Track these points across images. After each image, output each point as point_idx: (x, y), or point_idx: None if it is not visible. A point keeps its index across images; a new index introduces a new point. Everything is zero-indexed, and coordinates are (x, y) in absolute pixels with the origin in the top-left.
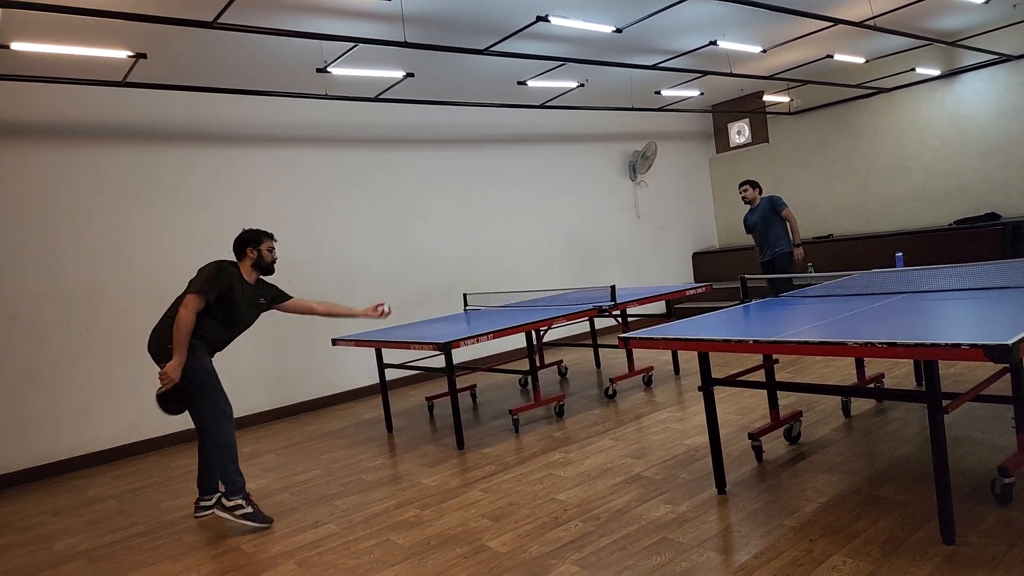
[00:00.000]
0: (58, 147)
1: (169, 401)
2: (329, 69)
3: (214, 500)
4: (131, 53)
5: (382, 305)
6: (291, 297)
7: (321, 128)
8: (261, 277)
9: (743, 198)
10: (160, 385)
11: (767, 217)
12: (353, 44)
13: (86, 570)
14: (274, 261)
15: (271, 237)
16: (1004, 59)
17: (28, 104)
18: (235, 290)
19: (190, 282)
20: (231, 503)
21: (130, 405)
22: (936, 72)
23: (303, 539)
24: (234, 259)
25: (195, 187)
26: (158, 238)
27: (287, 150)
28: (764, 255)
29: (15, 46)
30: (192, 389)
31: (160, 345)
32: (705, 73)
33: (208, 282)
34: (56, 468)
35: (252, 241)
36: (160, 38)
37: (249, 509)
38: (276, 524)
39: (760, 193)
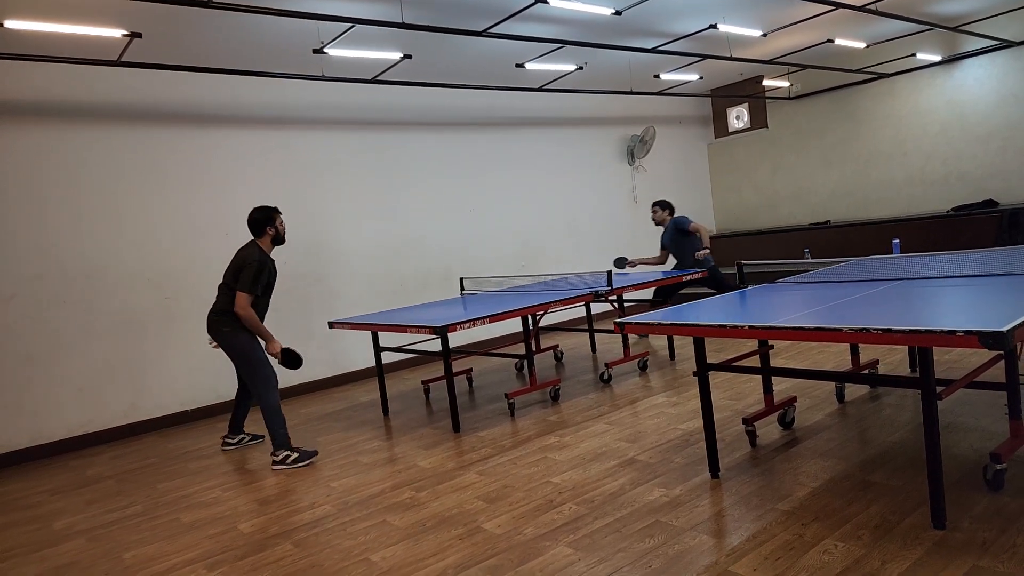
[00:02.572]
0: (52, 126)
1: (290, 363)
2: (326, 50)
3: (236, 440)
4: (126, 32)
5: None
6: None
7: (317, 110)
8: None
9: (653, 219)
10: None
11: (676, 238)
12: (350, 25)
13: (85, 549)
14: (284, 232)
15: (279, 211)
16: (1005, 45)
17: (23, 83)
18: (273, 274)
19: (234, 277)
20: (280, 455)
21: (128, 386)
22: (937, 57)
23: (299, 520)
24: (253, 243)
25: (190, 168)
26: (153, 218)
27: (283, 131)
28: (680, 269)
29: (9, 24)
30: (246, 363)
31: (215, 330)
32: (705, 57)
33: (255, 281)
34: (54, 448)
35: (268, 220)
36: (156, 17)
37: (295, 455)
38: (273, 504)
39: (670, 214)
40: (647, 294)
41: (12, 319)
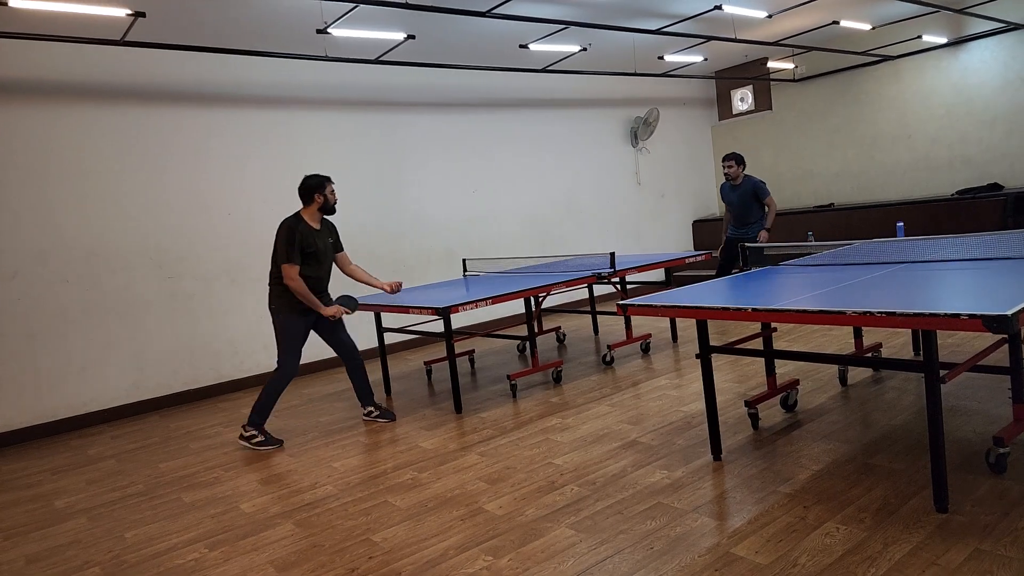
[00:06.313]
0: (55, 106)
1: (350, 305)
2: (329, 30)
3: (367, 411)
4: (130, 11)
5: (399, 284)
6: (343, 250)
7: (320, 90)
8: (324, 218)
9: (726, 174)
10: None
11: (747, 202)
12: (354, 4)
13: (86, 528)
14: (336, 202)
15: (331, 180)
16: (1012, 27)
17: (27, 62)
18: (307, 240)
19: (274, 251)
20: (248, 433)
21: (130, 365)
22: (943, 40)
23: (301, 500)
24: (297, 211)
25: (193, 147)
26: (156, 198)
27: (286, 112)
28: (732, 231)
29: (13, 3)
30: (278, 343)
31: (269, 307)
32: (709, 38)
33: (289, 248)
34: (56, 427)
35: (318, 187)
36: None
37: (262, 438)
38: (275, 484)
39: (743, 170)
40: (648, 276)
41: (15, 297)
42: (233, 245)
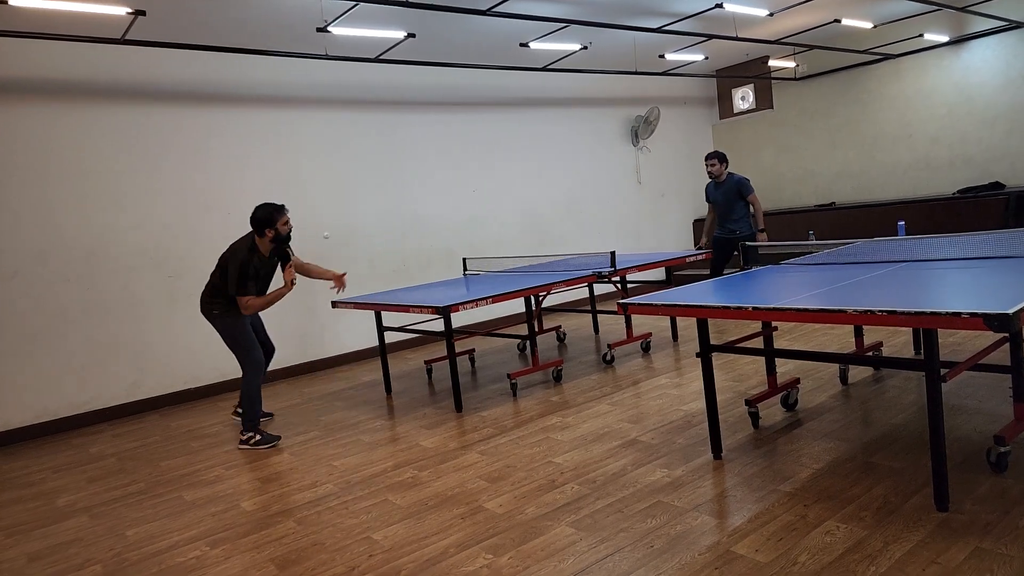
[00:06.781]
0: (55, 105)
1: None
2: (329, 28)
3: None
4: (130, 10)
5: (344, 276)
6: (292, 256)
7: (320, 89)
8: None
9: (709, 172)
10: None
11: (731, 199)
12: (354, 3)
13: (87, 526)
14: (290, 232)
15: (284, 210)
16: (1014, 26)
17: (26, 61)
18: (257, 267)
19: (221, 272)
20: (245, 436)
21: (130, 364)
22: (944, 38)
23: (302, 498)
24: (249, 236)
25: (193, 147)
26: (156, 198)
27: (286, 111)
28: (720, 231)
29: (13, 1)
30: (234, 344)
31: (206, 311)
32: (710, 37)
33: (242, 280)
34: (57, 426)
35: (268, 222)
36: None
37: (259, 437)
38: (276, 483)
39: (727, 168)
40: (649, 275)
41: (15, 297)
42: None
